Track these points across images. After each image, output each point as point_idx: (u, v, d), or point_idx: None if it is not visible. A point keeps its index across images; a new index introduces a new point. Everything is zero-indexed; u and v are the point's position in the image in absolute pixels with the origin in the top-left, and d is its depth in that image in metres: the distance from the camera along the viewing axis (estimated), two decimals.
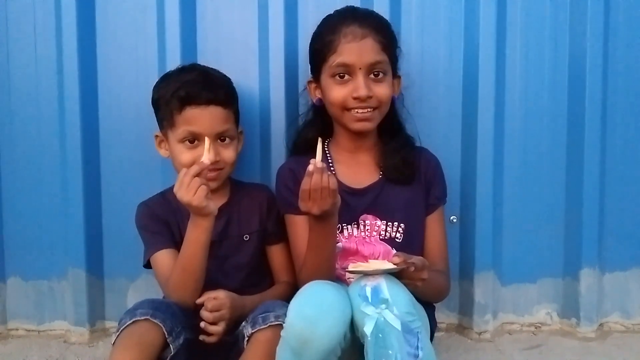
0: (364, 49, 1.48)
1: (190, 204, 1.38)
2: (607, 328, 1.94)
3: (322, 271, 1.43)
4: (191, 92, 1.51)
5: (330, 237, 1.43)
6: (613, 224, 1.91)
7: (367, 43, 1.48)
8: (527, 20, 1.85)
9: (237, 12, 1.83)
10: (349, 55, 1.48)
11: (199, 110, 1.51)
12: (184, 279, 1.45)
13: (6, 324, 1.92)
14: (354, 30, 1.48)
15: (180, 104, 1.51)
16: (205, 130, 1.51)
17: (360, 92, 1.47)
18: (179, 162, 1.54)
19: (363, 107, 1.49)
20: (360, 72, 1.48)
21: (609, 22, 1.84)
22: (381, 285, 1.22)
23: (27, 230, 1.89)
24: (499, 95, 1.84)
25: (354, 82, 1.49)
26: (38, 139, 1.86)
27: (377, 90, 1.50)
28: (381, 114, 1.54)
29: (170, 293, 1.48)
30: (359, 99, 1.48)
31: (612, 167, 1.89)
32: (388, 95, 1.53)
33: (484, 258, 1.86)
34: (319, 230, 1.41)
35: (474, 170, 1.83)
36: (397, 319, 1.18)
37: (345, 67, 1.49)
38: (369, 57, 1.48)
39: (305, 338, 1.18)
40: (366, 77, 1.49)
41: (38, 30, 1.84)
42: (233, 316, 1.42)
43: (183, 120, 1.52)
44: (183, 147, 1.54)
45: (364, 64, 1.48)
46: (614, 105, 1.87)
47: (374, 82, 1.50)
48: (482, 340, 1.86)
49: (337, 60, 1.49)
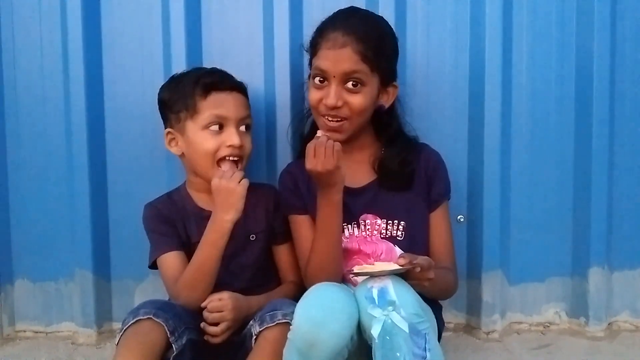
0: (340, 58, 1.45)
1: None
2: (616, 327, 1.92)
3: (330, 261, 1.45)
4: (215, 78, 1.57)
5: (336, 214, 1.45)
6: (622, 222, 1.90)
7: (345, 52, 1.45)
8: (533, 17, 1.84)
9: (242, 11, 1.83)
10: (324, 61, 1.47)
11: (224, 95, 1.56)
12: (202, 280, 1.46)
13: (14, 326, 1.93)
14: (336, 37, 1.46)
15: (205, 90, 1.54)
16: (231, 113, 1.54)
17: (328, 101, 1.46)
18: (203, 150, 1.54)
19: (332, 115, 1.48)
20: (334, 80, 1.46)
21: (616, 10, 1.83)
22: (388, 287, 1.21)
23: (34, 232, 1.89)
24: (506, 94, 1.83)
25: (327, 89, 1.47)
26: (44, 140, 1.87)
27: (350, 99, 1.47)
28: (353, 125, 1.50)
29: (180, 292, 1.48)
30: (328, 107, 1.47)
31: (620, 165, 1.88)
32: (362, 106, 1.48)
33: (492, 257, 1.85)
34: (324, 205, 1.44)
35: (481, 170, 1.82)
36: (405, 321, 1.18)
37: (321, 72, 1.48)
38: (344, 66, 1.45)
39: (312, 340, 1.18)
40: (339, 86, 1.46)
41: (44, 30, 1.84)
42: (237, 317, 1.43)
43: (209, 105, 1.54)
44: (208, 133, 1.54)
45: (337, 73, 1.45)
46: (621, 107, 1.86)
47: (348, 91, 1.47)
48: (490, 340, 1.85)
49: (315, 63, 1.49)
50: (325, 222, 1.46)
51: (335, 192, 1.43)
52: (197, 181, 1.61)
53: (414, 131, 1.65)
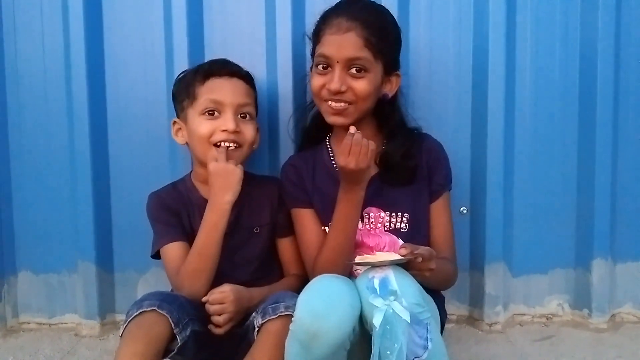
0: (345, 43, 1.45)
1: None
2: (619, 319, 1.92)
3: (343, 255, 1.43)
4: (214, 65, 1.59)
5: (356, 211, 1.45)
6: (625, 213, 1.90)
7: (349, 37, 1.44)
8: (537, 7, 1.83)
9: (244, 3, 1.83)
10: (328, 47, 1.46)
11: (222, 81, 1.56)
12: (203, 269, 1.46)
13: (18, 318, 1.94)
14: (340, 22, 1.46)
15: (204, 77, 1.56)
16: (226, 98, 1.54)
17: (332, 85, 1.45)
18: (198, 134, 1.55)
19: (336, 99, 1.47)
20: (338, 66, 1.46)
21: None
22: (389, 276, 1.21)
23: (37, 224, 1.90)
24: (509, 85, 1.82)
25: (330, 75, 1.47)
26: (47, 132, 1.87)
27: (354, 84, 1.46)
28: (358, 110, 1.49)
29: (183, 281, 1.48)
30: (331, 92, 1.46)
31: (624, 157, 1.87)
32: (367, 91, 1.47)
33: (495, 249, 1.84)
34: (346, 202, 1.43)
35: (484, 161, 1.82)
36: (406, 311, 1.17)
37: (325, 59, 1.47)
38: (348, 52, 1.45)
39: (314, 332, 1.17)
40: (343, 71, 1.46)
41: (45, 25, 1.84)
42: (239, 309, 1.43)
43: (205, 90, 1.55)
44: (203, 118, 1.55)
45: (341, 58, 1.45)
46: (625, 98, 1.86)
47: (352, 77, 1.46)
48: (493, 332, 1.85)
49: (319, 51, 1.49)
50: (345, 217, 1.44)
51: (360, 190, 1.42)
52: (202, 172, 1.61)
53: (415, 122, 1.63)
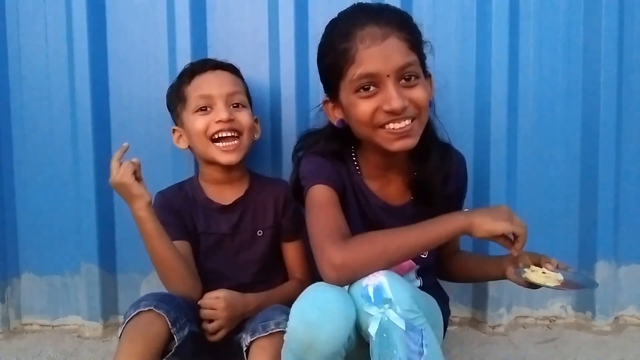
0: (389, 52, 1.24)
1: (116, 181, 1.41)
2: (622, 321, 1.92)
3: None
4: (196, 64, 1.63)
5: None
6: (629, 216, 1.89)
7: (391, 44, 1.24)
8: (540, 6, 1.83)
9: (247, 6, 1.83)
10: (370, 63, 1.24)
11: (206, 75, 1.59)
12: (164, 272, 1.45)
13: (20, 319, 1.94)
14: (372, 31, 1.24)
15: (189, 77, 1.59)
16: (214, 90, 1.56)
17: (393, 105, 1.24)
18: (194, 132, 1.56)
19: (399, 119, 1.26)
20: (389, 80, 1.24)
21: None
22: (383, 284, 1.17)
23: (40, 225, 1.90)
24: (512, 83, 1.82)
25: (382, 93, 1.25)
26: (50, 134, 1.87)
27: (413, 95, 1.27)
28: (421, 124, 1.31)
29: (165, 285, 1.48)
30: (393, 112, 1.25)
31: (627, 159, 1.87)
32: (426, 99, 1.29)
33: (498, 251, 1.83)
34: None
35: (487, 162, 1.82)
36: (401, 318, 1.14)
37: (370, 78, 1.25)
38: (397, 61, 1.24)
39: (308, 343, 1.14)
40: (396, 85, 1.25)
41: (49, 26, 1.84)
42: (232, 315, 1.43)
43: (193, 89, 1.57)
44: (198, 115, 1.56)
45: (391, 70, 1.24)
46: (629, 98, 1.85)
47: (406, 88, 1.27)
48: (496, 334, 1.85)
49: (358, 72, 1.25)
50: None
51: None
52: (207, 172, 1.62)
53: (446, 135, 1.46)
